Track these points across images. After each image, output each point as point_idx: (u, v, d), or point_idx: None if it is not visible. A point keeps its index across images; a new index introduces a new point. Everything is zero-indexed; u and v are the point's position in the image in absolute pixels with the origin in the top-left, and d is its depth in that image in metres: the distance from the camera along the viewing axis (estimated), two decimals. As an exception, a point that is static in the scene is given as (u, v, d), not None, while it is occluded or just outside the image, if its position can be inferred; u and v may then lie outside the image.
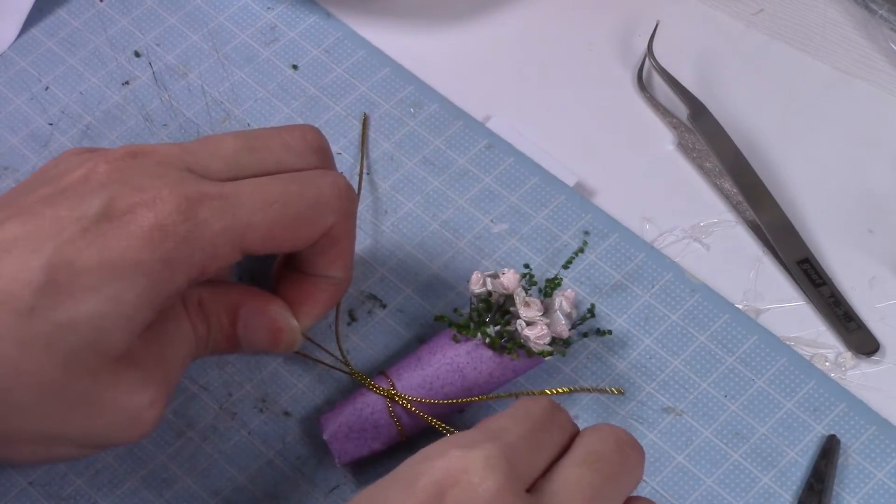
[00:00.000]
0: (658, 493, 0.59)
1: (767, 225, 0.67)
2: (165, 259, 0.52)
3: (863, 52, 0.73)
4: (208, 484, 0.60)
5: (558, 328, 0.59)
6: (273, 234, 0.55)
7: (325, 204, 0.56)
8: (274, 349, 0.60)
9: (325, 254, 0.58)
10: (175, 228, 0.52)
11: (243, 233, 0.54)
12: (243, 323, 0.58)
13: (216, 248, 0.54)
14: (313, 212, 0.56)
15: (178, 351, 0.56)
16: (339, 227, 0.57)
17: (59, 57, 0.73)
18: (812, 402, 0.61)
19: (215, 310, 0.58)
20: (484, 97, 0.72)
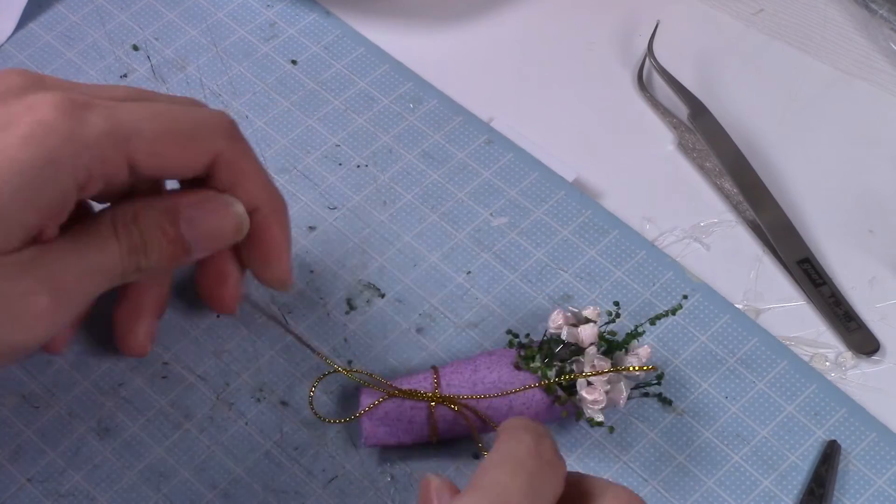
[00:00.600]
0: (658, 492, 0.59)
1: (767, 225, 0.66)
2: (47, 158, 0.51)
3: (863, 52, 0.73)
4: (206, 477, 0.60)
5: (618, 397, 0.58)
6: (159, 148, 0.54)
7: (209, 125, 0.56)
8: (223, 241, 0.58)
9: (238, 185, 0.57)
10: (57, 125, 0.52)
11: (129, 139, 0.53)
12: (187, 223, 0.56)
13: (102, 150, 0.53)
14: (198, 130, 0.56)
15: (89, 264, 0.54)
16: (231, 150, 0.57)
17: (57, 51, 0.73)
18: (813, 407, 0.61)
19: (153, 218, 0.56)
20: (484, 97, 0.72)
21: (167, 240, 0.56)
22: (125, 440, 0.60)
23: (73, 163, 0.52)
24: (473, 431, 0.58)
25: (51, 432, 0.61)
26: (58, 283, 0.53)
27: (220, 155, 0.56)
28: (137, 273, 0.55)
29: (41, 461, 0.60)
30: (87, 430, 0.61)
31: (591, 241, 0.66)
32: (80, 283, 0.54)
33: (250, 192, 0.58)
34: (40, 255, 0.52)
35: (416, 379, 0.59)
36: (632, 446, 0.60)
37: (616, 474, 0.60)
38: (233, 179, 0.57)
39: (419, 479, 0.59)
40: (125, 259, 0.55)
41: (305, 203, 0.67)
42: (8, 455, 0.60)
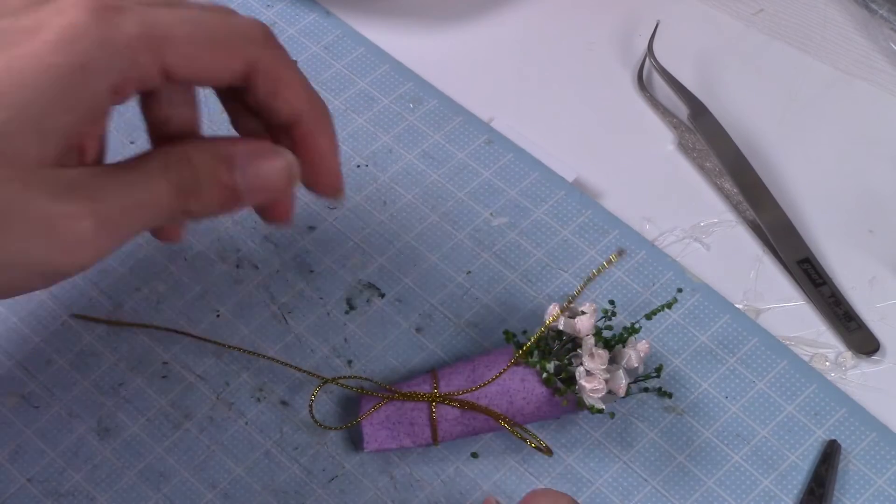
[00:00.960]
0: (659, 492, 0.59)
1: (767, 225, 0.66)
2: (80, 62, 0.50)
3: (863, 52, 0.73)
4: (206, 476, 0.60)
5: (617, 386, 0.58)
6: (193, 52, 0.53)
7: (243, 32, 0.55)
8: (275, 191, 0.56)
9: (278, 93, 0.56)
10: (88, 29, 0.51)
11: (162, 44, 0.53)
12: (241, 170, 0.55)
13: (135, 54, 0.52)
14: (232, 35, 0.55)
15: (135, 197, 0.53)
16: (268, 58, 0.56)
17: (56, 50, 0.73)
18: (813, 407, 0.61)
19: (207, 162, 0.55)
20: (484, 97, 0.72)
21: (220, 185, 0.54)
22: (125, 440, 0.60)
23: (105, 66, 0.51)
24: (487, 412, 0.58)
25: (51, 432, 0.61)
26: (102, 210, 0.52)
27: (256, 62, 0.55)
28: (185, 216, 0.54)
29: (41, 461, 0.60)
30: (87, 430, 0.61)
31: (591, 241, 0.66)
32: (124, 215, 0.52)
33: (291, 100, 0.56)
34: (85, 179, 0.52)
35: (414, 382, 0.59)
36: (632, 446, 0.60)
37: (616, 474, 0.60)
38: (272, 88, 0.56)
39: (419, 479, 0.60)
40: (173, 198, 0.54)
41: (305, 203, 0.67)
42: (8, 455, 0.60)
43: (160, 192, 0.53)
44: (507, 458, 0.60)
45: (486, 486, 0.59)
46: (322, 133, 0.57)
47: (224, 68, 0.55)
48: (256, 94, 0.56)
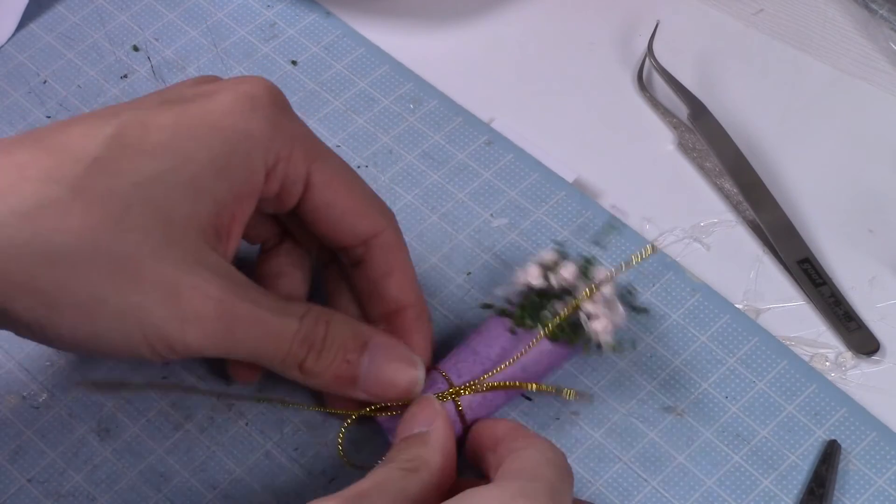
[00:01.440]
0: (659, 492, 0.59)
1: (767, 225, 0.66)
2: (248, 130, 0.50)
3: (863, 52, 0.73)
4: (206, 477, 0.60)
5: (618, 319, 0.58)
6: (335, 186, 0.54)
7: (380, 200, 0.56)
8: (392, 394, 0.55)
9: (391, 275, 0.56)
10: (263, 103, 0.51)
11: (316, 158, 0.53)
12: (370, 357, 0.54)
13: (293, 146, 0.52)
14: (372, 196, 0.57)
15: (267, 315, 0.51)
16: (391, 234, 0.56)
17: (57, 51, 0.73)
18: (813, 407, 0.61)
19: (342, 332, 0.54)
20: (484, 97, 0.72)
21: (343, 360, 0.53)
22: (125, 441, 0.60)
23: (268, 143, 0.51)
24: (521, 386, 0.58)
25: (51, 432, 0.61)
26: (229, 301, 0.50)
27: (380, 234, 0.56)
28: (294, 369, 0.53)
29: (41, 461, 0.60)
30: (87, 431, 0.61)
31: (591, 242, 0.66)
32: (246, 323, 0.51)
33: (401, 285, 0.57)
34: (225, 267, 0.51)
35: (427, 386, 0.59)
36: (632, 446, 0.60)
37: (616, 474, 0.60)
38: (387, 267, 0.56)
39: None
40: (296, 344, 0.52)
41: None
42: (8, 455, 0.60)
43: (288, 329, 0.52)
44: (507, 459, 0.60)
45: (486, 487, 0.59)
46: (419, 329, 0.57)
47: (354, 222, 0.55)
48: (370, 267, 0.56)
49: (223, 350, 0.51)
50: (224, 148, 0.51)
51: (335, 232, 0.56)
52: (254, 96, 0.52)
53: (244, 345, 0.52)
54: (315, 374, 0.53)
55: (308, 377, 0.53)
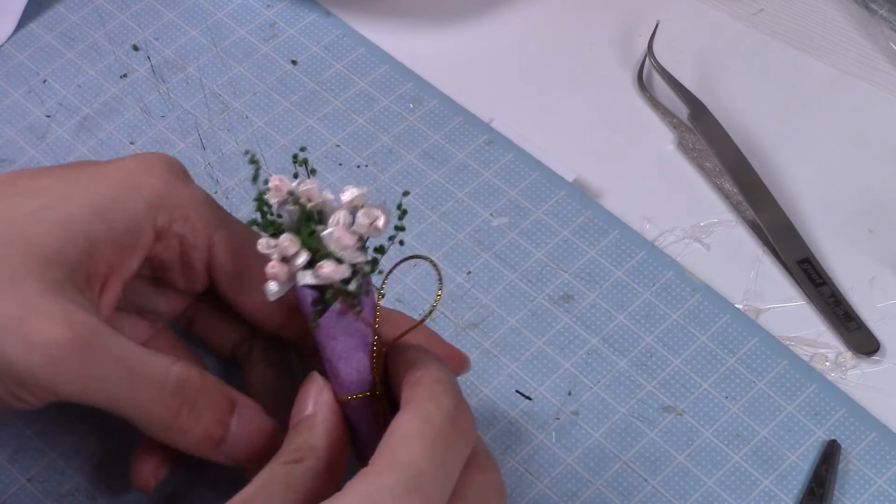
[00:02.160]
0: (659, 492, 0.59)
1: (767, 225, 0.66)
2: (135, 183, 0.51)
3: (863, 52, 0.73)
4: (207, 477, 0.59)
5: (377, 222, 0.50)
6: (236, 253, 0.53)
7: None
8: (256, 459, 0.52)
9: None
10: (160, 166, 0.52)
11: (218, 226, 0.53)
12: (238, 418, 0.52)
13: (189, 206, 0.52)
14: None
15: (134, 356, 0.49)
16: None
17: (57, 51, 0.73)
18: (813, 407, 0.61)
19: (214, 387, 0.52)
20: (484, 97, 0.72)
21: (215, 418, 0.51)
22: (125, 440, 0.60)
23: (156, 199, 0.51)
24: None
25: (51, 432, 0.61)
26: (85, 332, 0.48)
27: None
28: (161, 427, 0.50)
29: (41, 461, 0.60)
30: (87, 430, 0.61)
31: (591, 241, 0.66)
32: (107, 357, 0.48)
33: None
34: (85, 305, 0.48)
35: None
36: (632, 446, 0.60)
37: (616, 474, 0.60)
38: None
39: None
40: (168, 394, 0.49)
41: (305, 203, 0.67)
42: (8, 455, 0.60)
43: (157, 371, 0.49)
44: (507, 459, 0.60)
45: (486, 486, 0.59)
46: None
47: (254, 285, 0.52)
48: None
49: (81, 387, 0.48)
50: (107, 193, 0.50)
51: (262, 310, 0.53)
52: (150, 160, 0.51)
53: (105, 385, 0.48)
54: (183, 430, 0.50)
55: (174, 431, 0.50)
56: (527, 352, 0.63)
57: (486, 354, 0.63)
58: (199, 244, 0.53)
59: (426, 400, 0.47)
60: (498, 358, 0.63)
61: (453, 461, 0.47)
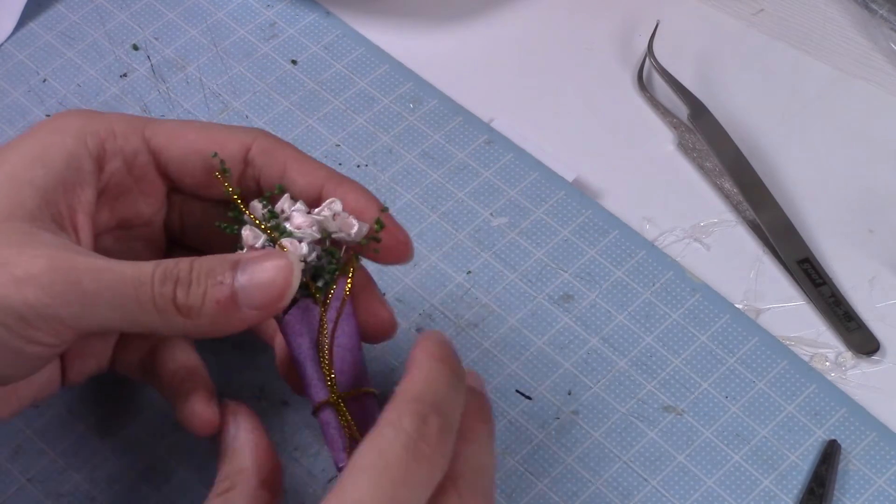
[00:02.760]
0: (658, 492, 0.59)
1: (767, 225, 0.66)
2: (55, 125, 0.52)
3: (863, 52, 0.73)
4: (206, 476, 0.59)
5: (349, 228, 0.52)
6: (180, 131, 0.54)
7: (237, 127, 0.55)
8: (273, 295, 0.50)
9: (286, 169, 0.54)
10: (72, 111, 0.54)
11: (139, 123, 0.54)
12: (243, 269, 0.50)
13: (110, 123, 0.53)
14: (225, 127, 0.55)
15: (116, 265, 0.49)
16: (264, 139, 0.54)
17: (57, 50, 0.73)
18: (813, 407, 0.61)
19: (207, 262, 0.50)
20: (484, 97, 0.72)
21: (217, 282, 0.49)
22: (125, 440, 0.60)
23: (78, 130, 0.52)
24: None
25: (51, 432, 0.61)
26: (62, 258, 0.48)
27: (251, 146, 0.54)
28: (175, 315, 0.49)
29: (41, 461, 0.60)
30: (87, 430, 0.61)
31: (591, 241, 0.66)
32: (90, 274, 0.48)
33: (302, 170, 0.54)
34: (57, 238, 0.50)
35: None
36: (632, 446, 0.60)
37: (616, 474, 0.60)
38: (277, 166, 0.53)
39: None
40: (155, 283, 0.49)
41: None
42: (8, 455, 0.60)
43: (143, 270, 0.49)
44: (507, 459, 0.60)
45: (486, 486, 0.59)
46: (350, 189, 0.53)
47: (218, 147, 0.54)
48: (265, 177, 0.54)
49: (80, 308, 0.49)
50: (35, 142, 0.52)
51: (202, 163, 0.54)
52: (63, 112, 0.53)
53: (100, 298, 0.49)
54: (194, 310, 0.49)
55: (189, 316, 0.49)
56: (527, 352, 0.63)
57: (486, 354, 0.63)
58: (138, 149, 0.54)
59: (387, 424, 0.46)
60: (498, 358, 0.63)
61: (408, 496, 0.45)
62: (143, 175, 0.55)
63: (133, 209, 0.56)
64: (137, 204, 0.56)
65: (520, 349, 0.63)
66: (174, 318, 0.49)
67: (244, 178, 0.54)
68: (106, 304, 0.49)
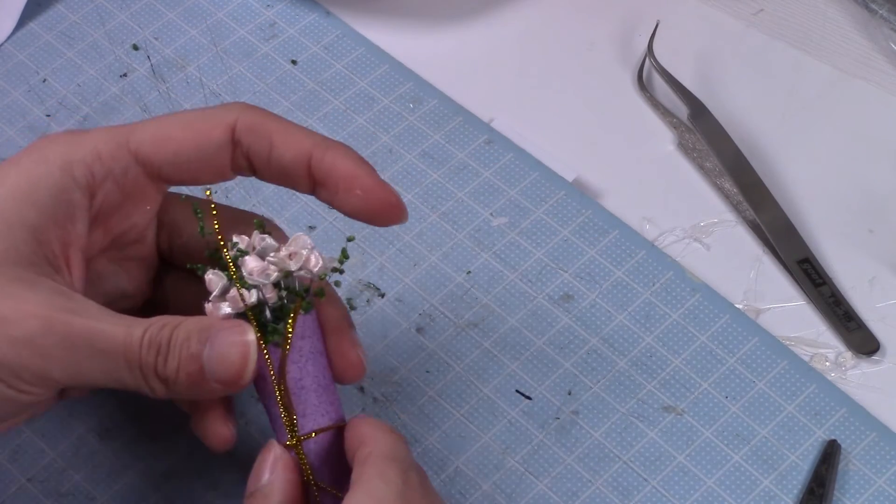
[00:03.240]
0: (659, 492, 0.59)
1: (767, 225, 0.66)
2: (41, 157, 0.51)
3: (863, 52, 0.73)
4: (206, 476, 0.60)
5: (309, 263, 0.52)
6: (165, 132, 0.53)
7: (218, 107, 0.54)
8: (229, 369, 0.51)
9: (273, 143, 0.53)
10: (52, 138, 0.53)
11: (130, 133, 0.53)
12: (211, 343, 0.51)
13: (94, 143, 0.52)
14: (206, 111, 0.54)
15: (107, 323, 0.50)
16: (250, 114, 0.53)
17: (57, 50, 0.73)
18: (813, 407, 0.61)
19: (187, 327, 0.51)
20: (484, 97, 0.72)
21: (189, 354, 0.50)
22: (125, 440, 0.60)
23: (64, 158, 0.51)
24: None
25: (51, 432, 0.61)
26: (53, 318, 0.49)
27: (236, 122, 0.53)
28: (156, 382, 0.50)
29: (41, 461, 0.60)
30: (87, 430, 0.61)
31: (591, 241, 0.66)
32: (80, 339, 0.49)
33: (290, 141, 0.53)
34: (50, 284, 0.50)
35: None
36: (632, 446, 0.60)
37: (616, 474, 0.60)
38: (265, 139, 0.53)
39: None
40: (142, 350, 0.50)
41: (305, 203, 0.67)
42: (8, 455, 0.60)
43: (134, 336, 0.50)
44: (507, 459, 0.60)
45: (485, 486, 0.59)
46: (341, 155, 0.53)
47: (202, 138, 0.53)
48: (254, 155, 0.54)
49: (73, 370, 0.50)
50: (21, 177, 0.51)
51: (194, 153, 0.53)
52: (43, 139, 0.52)
53: (93, 361, 0.50)
54: (170, 380, 0.51)
55: (167, 385, 0.51)
56: (527, 352, 0.63)
57: (486, 354, 0.63)
58: (127, 166, 0.53)
59: (375, 477, 0.48)
60: (498, 358, 0.63)
61: None
62: (134, 187, 0.54)
63: (127, 222, 0.55)
64: (131, 216, 0.55)
65: (520, 349, 0.63)
66: (156, 384, 0.51)
67: (235, 157, 0.54)
68: (98, 368, 0.50)
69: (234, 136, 0.53)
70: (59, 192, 0.51)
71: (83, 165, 0.52)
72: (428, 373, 0.62)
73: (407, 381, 0.62)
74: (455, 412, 0.61)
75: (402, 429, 0.61)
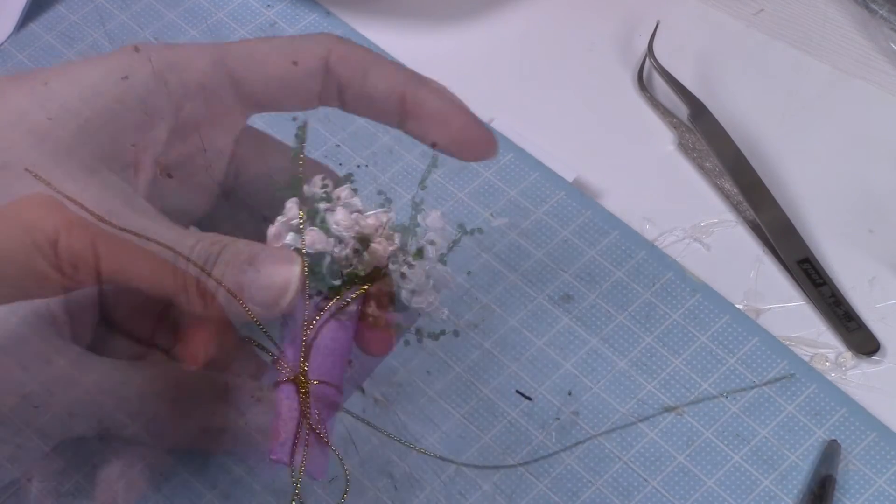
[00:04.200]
0: (659, 492, 0.59)
1: (767, 225, 0.66)
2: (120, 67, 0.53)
3: (863, 52, 0.73)
4: (206, 477, 0.60)
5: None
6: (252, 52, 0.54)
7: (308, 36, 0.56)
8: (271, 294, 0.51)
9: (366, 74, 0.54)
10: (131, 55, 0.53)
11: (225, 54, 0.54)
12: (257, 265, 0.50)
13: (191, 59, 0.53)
14: (297, 38, 0.55)
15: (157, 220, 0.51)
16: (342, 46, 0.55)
17: (57, 50, 0.73)
18: (813, 407, 0.61)
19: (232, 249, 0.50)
20: (484, 97, 0.71)
21: (233, 271, 0.50)
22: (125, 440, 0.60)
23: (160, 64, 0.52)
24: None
25: (51, 432, 0.60)
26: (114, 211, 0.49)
27: (330, 53, 0.54)
28: (195, 295, 0.50)
29: (41, 461, 0.60)
30: (87, 431, 0.60)
31: (591, 242, 0.66)
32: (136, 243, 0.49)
33: (383, 74, 0.54)
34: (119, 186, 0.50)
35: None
36: (632, 446, 0.60)
37: (616, 474, 0.60)
38: (359, 70, 0.54)
39: (419, 479, 0.59)
40: (192, 258, 0.50)
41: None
42: (8, 455, 0.60)
43: (185, 243, 0.50)
44: (506, 459, 0.60)
45: (486, 487, 0.59)
46: (429, 94, 0.54)
47: (300, 64, 0.53)
48: (346, 84, 0.54)
49: (120, 266, 0.49)
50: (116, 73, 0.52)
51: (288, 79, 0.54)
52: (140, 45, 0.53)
53: (140, 260, 0.49)
54: (209, 295, 0.50)
55: (205, 301, 0.50)
56: (527, 352, 0.63)
57: (486, 354, 0.63)
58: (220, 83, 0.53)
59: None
60: (498, 358, 0.63)
61: None
62: (221, 107, 0.54)
63: (206, 141, 0.55)
64: (211, 136, 0.55)
65: (520, 349, 0.63)
66: (195, 297, 0.50)
67: (326, 86, 0.54)
68: (144, 266, 0.49)
69: (327, 65, 0.54)
70: (147, 94, 0.52)
71: (178, 74, 0.52)
72: (428, 373, 0.62)
73: (407, 381, 0.62)
74: (455, 412, 0.61)
75: (403, 429, 0.61)
